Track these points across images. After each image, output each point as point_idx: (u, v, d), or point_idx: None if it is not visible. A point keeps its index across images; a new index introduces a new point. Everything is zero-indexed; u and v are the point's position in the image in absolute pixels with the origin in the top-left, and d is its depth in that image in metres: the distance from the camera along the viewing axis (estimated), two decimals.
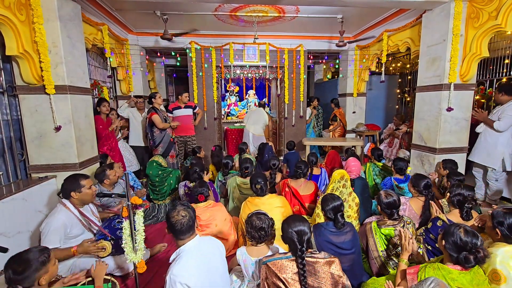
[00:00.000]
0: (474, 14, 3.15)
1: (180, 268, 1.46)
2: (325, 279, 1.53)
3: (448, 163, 3.08)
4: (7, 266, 1.41)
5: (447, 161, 3.11)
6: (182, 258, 1.51)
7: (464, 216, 2.11)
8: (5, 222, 2.24)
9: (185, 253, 1.53)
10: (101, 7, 3.79)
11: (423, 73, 3.69)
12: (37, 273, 1.44)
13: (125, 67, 4.94)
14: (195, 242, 1.58)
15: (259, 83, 8.21)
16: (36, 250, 1.49)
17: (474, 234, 1.48)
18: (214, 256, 1.65)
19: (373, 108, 6.31)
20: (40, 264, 1.45)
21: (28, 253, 1.47)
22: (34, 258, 1.45)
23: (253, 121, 5.43)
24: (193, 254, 1.54)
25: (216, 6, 3.99)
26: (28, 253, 1.47)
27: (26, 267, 1.41)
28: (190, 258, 1.52)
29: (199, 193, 2.52)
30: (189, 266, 1.48)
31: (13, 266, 1.40)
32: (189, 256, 1.52)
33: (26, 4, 2.52)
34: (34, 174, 2.84)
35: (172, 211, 1.58)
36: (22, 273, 1.40)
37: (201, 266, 1.53)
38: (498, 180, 3.34)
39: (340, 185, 2.55)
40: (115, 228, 2.24)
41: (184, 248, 1.55)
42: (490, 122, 3.25)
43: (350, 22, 4.80)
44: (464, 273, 1.46)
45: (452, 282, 1.44)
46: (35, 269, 1.43)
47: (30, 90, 2.70)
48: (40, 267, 1.45)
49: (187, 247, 1.56)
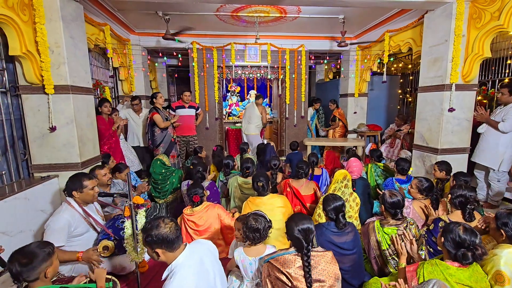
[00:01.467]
0: (476, 14, 3.14)
1: (177, 285, 1.36)
2: (326, 271, 1.56)
3: (443, 164, 3.06)
4: (12, 260, 1.40)
5: (442, 163, 3.09)
6: (176, 274, 1.40)
7: (467, 217, 2.10)
8: (8, 221, 2.25)
9: (179, 268, 1.42)
10: (103, 7, 3.81)
11: (425, 73, 3.69)
12: (44, 264, 1.42)
13: (127, 67, 4.96)
14: (186, 253, 1.49)
15: (260, 83, 8.21)
16: (40, 244, 1.49)
17: (473, 232, 1.50)
18: (209, 261, 1.58)
19: (374, 108, 6.30)
20: (46, 255, 1.44)
21: (33, 246, 1.46)
22: (39, 251, 1.44)
23: (246, 120, 5.39)
24: (188, 266, 1.45)
25: (218, 7, 4.00)
26: (33, 246, 1.46)
27: (33, 258, 1.40)
28: (187, 272, 1.42)
29: (194, 194, 2.48)
30: (187, 282, 1.39)
31: (19, 258, 1.39)
32: (184, 270, 1.42)
33: (29, 5, 2.53)
34: (37, 174, 2.85)
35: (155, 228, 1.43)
36: (29, 265, 1.38)
37: (199, 277, 1.46)
38: (500, 181, 3.34)
39: (342, 185, 2.56)
40: (118, 228, 2.24)
41: (177, 262, 1.44)
42: (494, 123, 3.25)
43: (351, 23, 4.80)
44: (463, 269, 1.47)
45: (449, 278, 1.45)
46: (42, 259, 1.41)
47: (33, 90, 2.71)
48: (47, 257, 1.44)
49: (180, 260, 1.45)
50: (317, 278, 1.53)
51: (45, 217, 2.60)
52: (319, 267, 1.56)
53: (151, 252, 1.46)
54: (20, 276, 1.38)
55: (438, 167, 3.07)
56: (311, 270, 1.53)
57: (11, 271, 1.38)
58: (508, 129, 3.15)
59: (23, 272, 1.37)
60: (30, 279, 1.40)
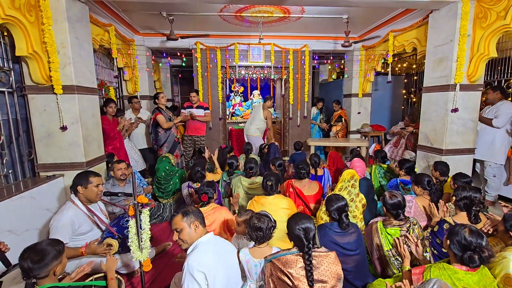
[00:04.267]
0: (482, 14, 3.11)
1: (198, 256, 1.51)
2: (328, 272, 1.56)
3: (439, 164, 3.06)
4: (23, 257, 1.42)
5: (438, 163, 3.09)
6: (199, 247, 1.56)
7: (473, 219, 2.08)
8: (14, 220, 2.28)
9: (203, 244, 1.58)
10: (108, 8, 3.84)
11: (429, 73, 3.66)
12: (55, 262, 1.46)
13: (131, 68, 4.99)
14: (209, 236, 1.65)
15: (263, 83, 8.20)
16: (50, 241, 1.52)
17: (479, 234, 1.48)
18: (230, 254, 1.71)
19: (378, 108, 6.26)
20: (58, 252, 1.48)
21: (43, 244, 1.49)
22: (51, 247, 1.47)
23: (249, 120, 5.35)
24: (211, 246, 1.60)
25: (222, 7, 4.01)
26: (44, 243, 1.49)
27: (44, 256, 1.43)
28: (208, 249, 1.57)
29: (204, 192, 2.45)
30: (207, 255, 1.53)
31: (31, 255, 1.42)
32: (207, 247, 1.57)
33: (35, 6, 2.56)
34: (42, 173, 2.88)
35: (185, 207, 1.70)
36: (40, 262, 1.41)
37: (220, 258, 1.58)
38: (496, 176, 3.53)
39: (349, 185, 2.55)
40: (123, 227, 2.26)
41: (202, 240, 1.61)
42: (488, 120, 3.58)
43: (355, 22, 4.77)
44: (471, 273, 1.45)
45: (458, 282, 1.43)
46: (53, 257, 1.45)
47: (39, 90, 2.74)
48: (58, 255, 1.48)
49: (205, 239, 1.61)
50: (319, 279, 1.53)
51: (50, 216, 2.62)
52: (322, 267, 1.55)
53: (188, 226, 1.60)
54: (30, 273, 1.41)
55: (433, 166, 3.10)
56: (314, 270, 1.53)
57: (22, 267, 1.41)
58: (501, 124, 3.47)
59: (34, 269, 1.40)
60: (40, 276, 1.43)
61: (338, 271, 1.59)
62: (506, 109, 3.45)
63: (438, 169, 3.02)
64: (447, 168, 3.01)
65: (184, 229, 1.60)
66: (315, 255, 1.58)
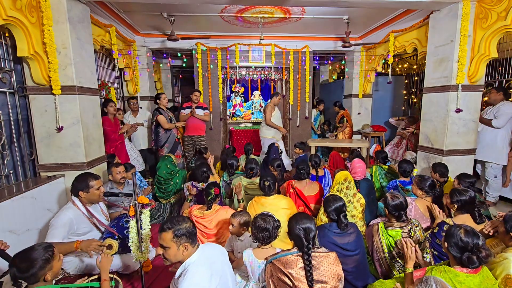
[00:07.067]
0: (483, 14, 3.11)
1: (192, 280, 1.38)
2: (328, 272, 1.56)
3: (438, 166, 3.05)
4: (12, 264, 1.43)
5: (437, 165, 3.08)
6: (190, 270, 1.43)
7: (478, 220, 2.07)
8: (15, 220, 2.29)
9: (193, 266, 1.45)
10: (109, 9, 3.85)
11: (430, 74, 3.66)
12: (42, 271, 1.44)
13: (132, 68, 5.00)
14: (199, 252, 1.52)
15: (264, 84, 8.19)
16: (40, 248, 1.49)
17: (475, 233, 1.48)
18: (221, 262, 1.62)
19: (379, 109, 6.26)
20: (44, 262, 1.45)
21: (32, 251, 1.46)
22: (38, 257, 1.44)
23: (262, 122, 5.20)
24: (201, 262, 1.47)
25: (222, 8, 4.02)
26: (32, 251, 1.47)
27: (30, 266, 1.41)
28: (200, 269, 1.44)
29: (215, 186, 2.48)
30: (201, 275, 1.41)
31: (18, 264, 1.41)
32: (198, 268, 1.44)
33: (36, 7, 2.57)
34: (43, 173, 2.89)
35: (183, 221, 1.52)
36: (27, 271, 1.40)
37: (212, 271, 1.47)
38: (497, 177, 3.53)
39: (343, 187, 2.55)
40: (123, 227, 2.26)
41: (191, 260, 1.48)
42: (487, 121, 3.58)
43: (356, 23, 4.78)
44: (472, 276, 1.44)
45: (459, 285, 1.42)
46: (40, 267, 1.43)
47: (40, 91, 2.75)
48: (44, 265, 1.45)
49: (193, 259, 1.48)
50: (319, 279, 1.53)
51: (51, 216, 2.62)
52: (322, 268, 1.55)
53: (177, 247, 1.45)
54: (18, 279, 1.41)
55: (432, 168, 3.09)
56: (313, 271, 1.53)
57: (10, 274, 1.41)
58: (501, 125, 3.49)
59: (21, 277, 1.40)
60: (29, 282, 1.43)
61: (338, 272, 1.59)
62: (506, 110, 3.46)
63: (437, 171, 3.01)
64: (446, 169, 3.01)
65: (171, 248, 1.46)
66: (315, 255, 1.58)
